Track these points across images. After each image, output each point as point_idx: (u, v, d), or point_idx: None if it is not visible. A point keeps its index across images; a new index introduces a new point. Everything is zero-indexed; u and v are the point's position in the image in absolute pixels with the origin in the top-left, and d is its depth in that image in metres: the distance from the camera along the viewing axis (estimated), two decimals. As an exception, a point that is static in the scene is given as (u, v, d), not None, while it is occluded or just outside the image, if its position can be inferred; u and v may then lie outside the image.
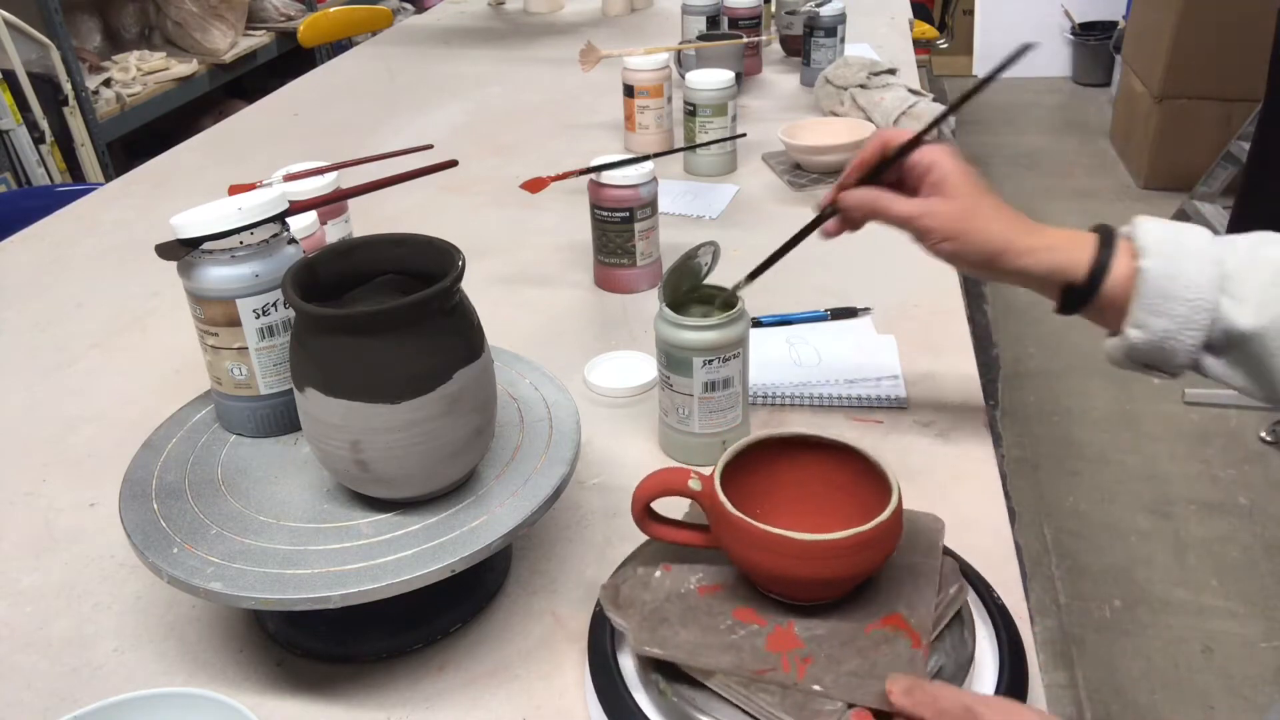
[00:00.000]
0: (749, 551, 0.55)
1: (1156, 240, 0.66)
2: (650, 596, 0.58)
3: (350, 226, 1.09)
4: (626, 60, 1.42)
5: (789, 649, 0.54)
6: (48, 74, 2.39)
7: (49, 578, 0.75)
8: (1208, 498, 2.08)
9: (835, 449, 0.62)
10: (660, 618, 0.56)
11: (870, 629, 0.56)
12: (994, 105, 4.45)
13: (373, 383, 0.58)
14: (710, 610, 0.57)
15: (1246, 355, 0.65)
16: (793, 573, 0.54)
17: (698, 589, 0.59)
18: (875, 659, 0.53)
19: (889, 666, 0.53)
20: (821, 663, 0.53)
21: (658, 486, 0.60)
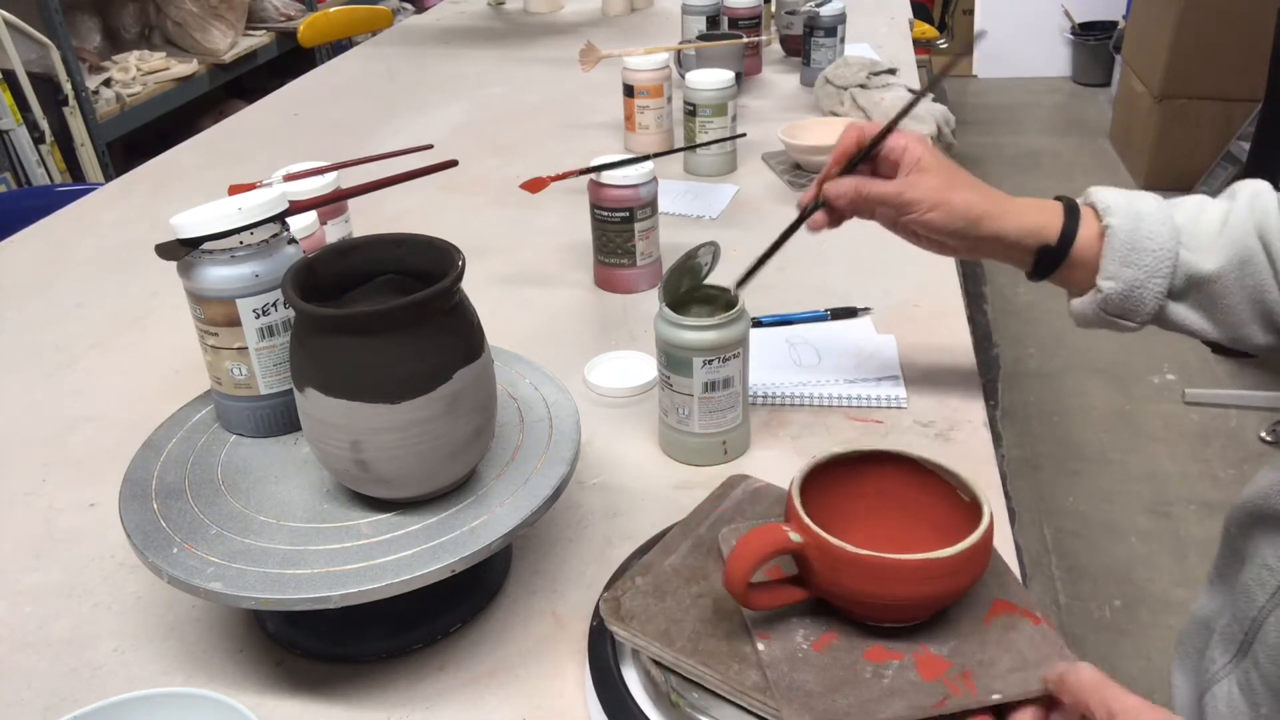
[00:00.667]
0: (868, 585, 0.53)
1: (1117, 203, 0.74)
2: (768, 673, 0.53)
3: (350, 226, 1.09)
4: (626, 60, 1.42)
5: (942, 671, 0.53)
6: (48, 74, 2.39)
7: (49, 578, 0.75)
8: (1208, 498, 2.08)
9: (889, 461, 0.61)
10: (806, 692, 0.52)
11: (988, 621, 0.56)
12: (994, 105, 4.45)
13: (373, 383, 0.58)
14: (840, 663, 0.54)
15: (1206, 297, 0.73)
16: (918, 594, 0.53)
17: (812, 647, 0.55)
18: (1017, 648, 0.54)
19: (1034, 650, 0.54)
20: (978, 672, 0.53)
21: (759, 554, 0.54)
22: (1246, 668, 0.69)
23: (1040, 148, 3.96)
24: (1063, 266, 0.76)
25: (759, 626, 0.56)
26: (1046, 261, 0.76)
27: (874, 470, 0.61)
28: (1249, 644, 0.69)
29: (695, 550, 0.63)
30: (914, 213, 0.75)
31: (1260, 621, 0.68)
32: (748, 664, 0.54)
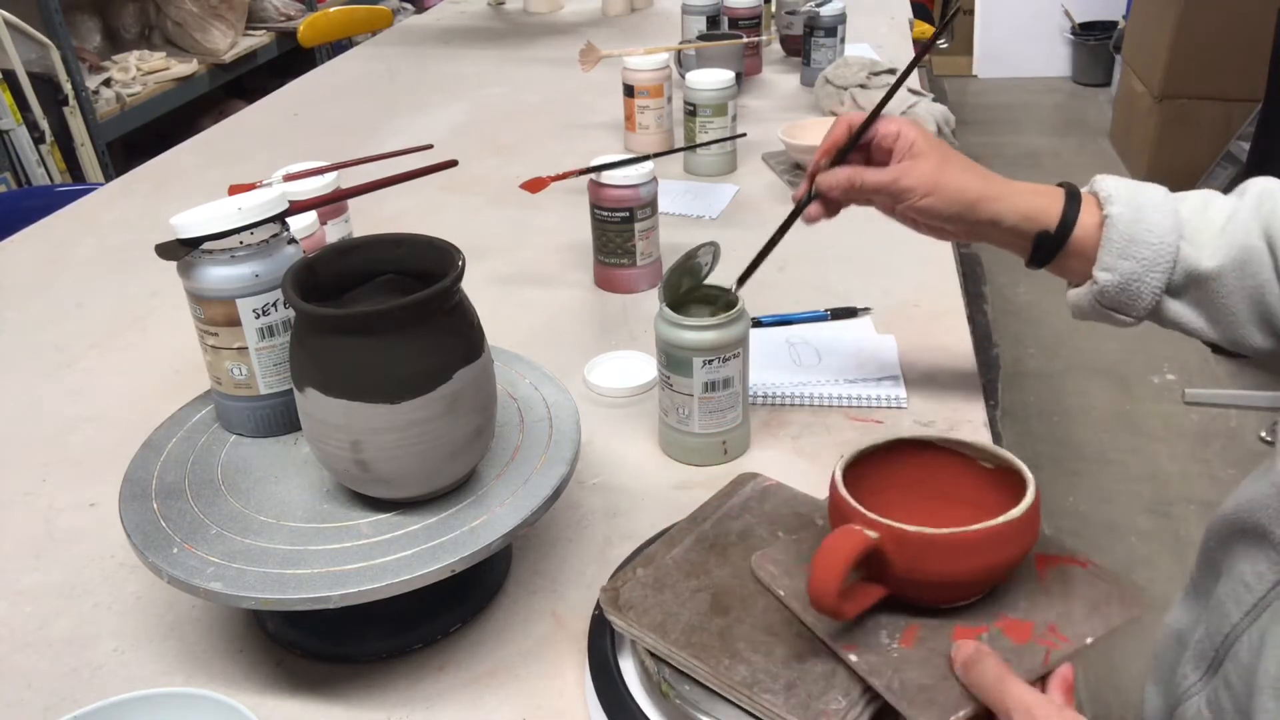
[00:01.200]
0: (949, 564, 0.53)
1: (1119, 192, 0.71)
2: (874, 682, 0.52)
3: (350, 226, 1.09)
4: (626, 60, 1.42)
5: (1030, 632, 0.54)
6: (48, 74, 2.39)
7: (49, 578, 0.75)
8: (1208, 498, 2.08)
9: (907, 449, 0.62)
10: (920, 687, 0.51)
11: (1043, 577, 0.58)
12: (994, 105, 4.45)
13: (373, 383, 0.58)
14: (937, 651, 0.53)
15: (1205, 295, 0.70)
16: (996, 562, 0.54)
17: (901, 644, 0.54)
18: (1080, 594, 0.57)
19: (1097, 591, 0.57)
20: (1061, 624, 0.55)
21: (845, 560, 0.52)
22: (1217, 685, 0.67)
23: (1040, 148, 3.96)
24: (1061, 255, 0.74)
25: (840, 639, 0.54)
26: (1045, 249, 0.74)
27: (893, 460, 0.61)
28: (1220, 661, 0.67)
29: (698, 545, 0.63)
30: (909, 199, 0.74)
31: (1233, 639, 0.66)
32: (738, 659, 0.54)
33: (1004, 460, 0.59)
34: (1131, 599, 0.57)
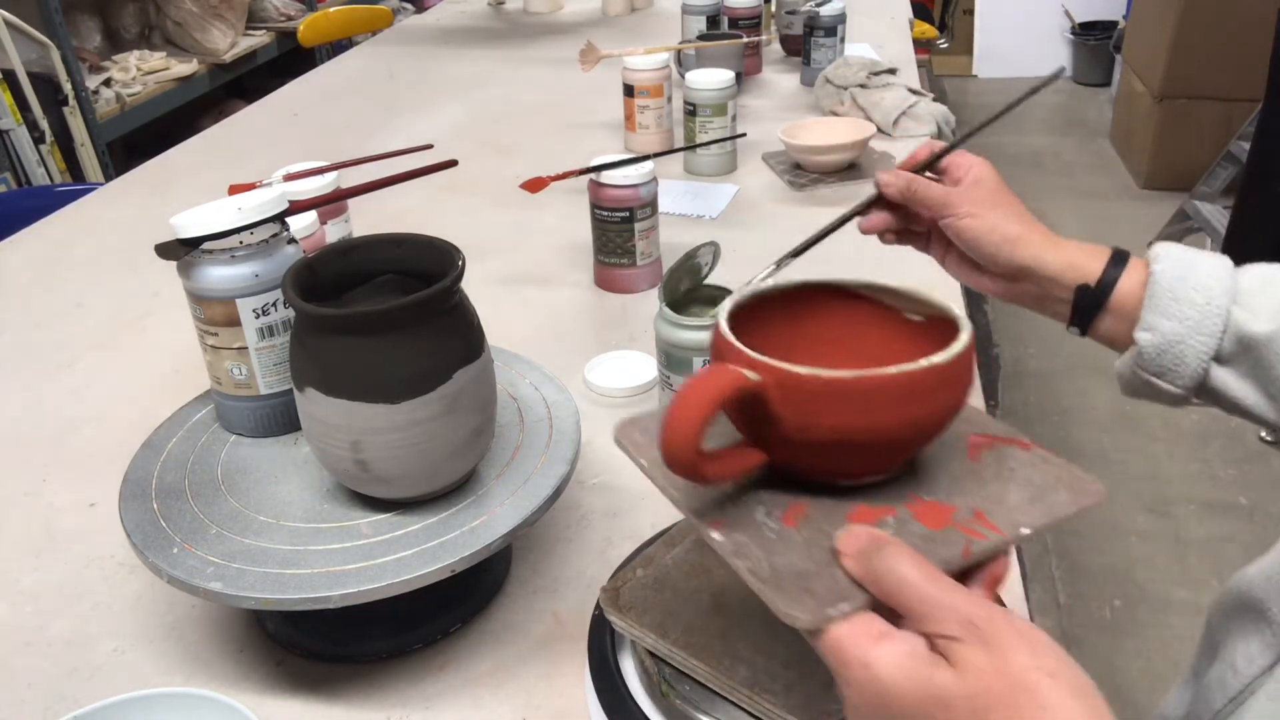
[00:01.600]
0: (852, 416, 0.43)
1: (1170, 251, 0.66)
2: (738, 564, 0.42)
3: (350, 226, 1.09)
4: (626, 60, 1.42)
5: (949, 517, 0.45)
6: (48, 74, 2.39)
7: (49, 578, 0.75)
8: (1208, 498, 2.08)
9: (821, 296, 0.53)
10: (796, 573, 0.41)
11: (974, 458, 0.49)
12: (994, 106, 4.44)
13: (373, 383, 0.58)
14: (824, 534, 0.43)
15: (1259, 363, 0.62)
16: (911, 417, 0.44)
17: (783, 523, 0.44)
18: (1021, 477, 0.48)
19: (1041, 476, 0.47)
20: (992, 510, 0.45)
21: (709, 401, 0.42)
22: None
23: (1040, 148, 3.96)
24: (1103, 314, 0.68)
25: (706, 515, 0.45)
26: (1085, 305, 0.68)
27: (802, 310, 0.53)
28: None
29: (698, 545, 0.63)
30: (952, 213, 0.70)
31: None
32: (739, 660, 0.54)
33: (936, 309, 0.50)
34: (1082, 487, 0.47)
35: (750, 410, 0.44)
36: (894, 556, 0.40)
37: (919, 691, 0.37)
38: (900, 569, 0.39)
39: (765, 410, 0.43)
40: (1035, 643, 0.38)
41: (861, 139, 1.34)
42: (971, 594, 0.39)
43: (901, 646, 0.38)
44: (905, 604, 0.39)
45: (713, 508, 0.45)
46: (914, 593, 0.39)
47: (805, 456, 0.45)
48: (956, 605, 0.38)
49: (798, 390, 0.43)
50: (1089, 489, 0.47)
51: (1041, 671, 0.37)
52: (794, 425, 0.43)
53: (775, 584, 0.41)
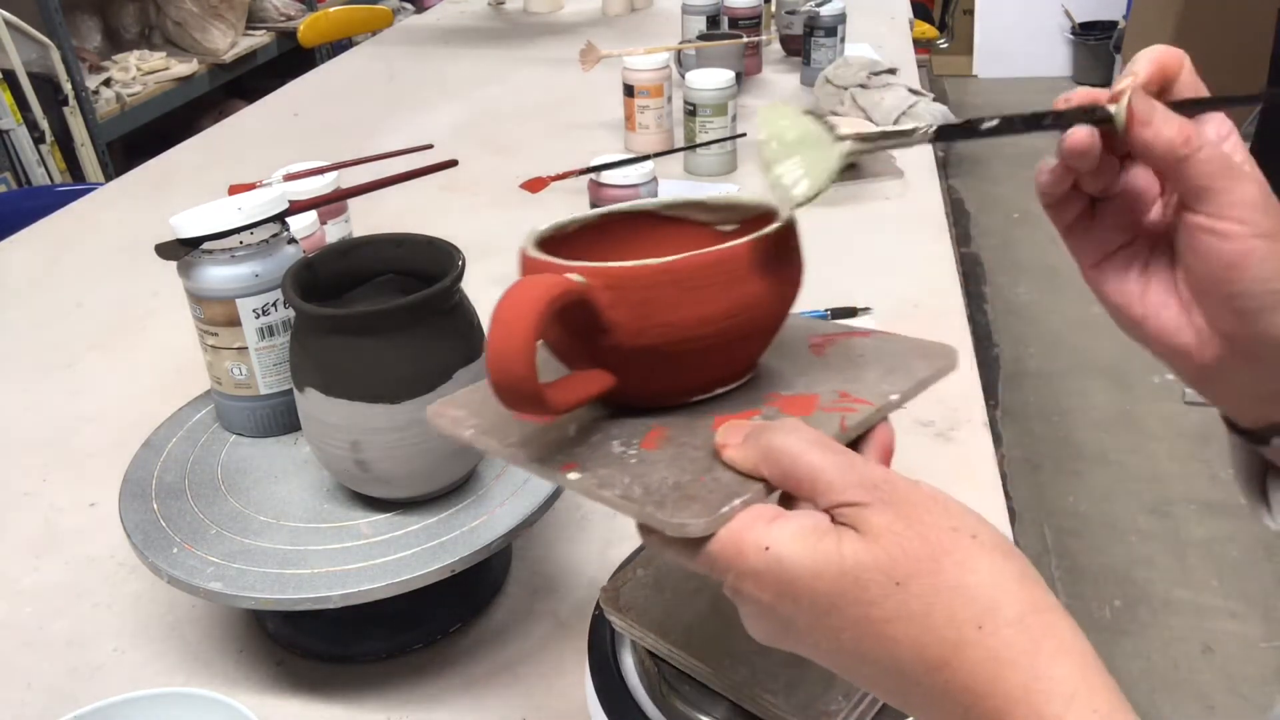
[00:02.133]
0: (696, 305, 0.40)
1: None
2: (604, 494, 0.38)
3: (350, 226, 1.09)
4: (626, 60, 1.42)
5: (814, 404, 0.42)
6: (48, 74, 2.39)
7: (49, 578, 0.75)
8: (1208, 498, 2.08)
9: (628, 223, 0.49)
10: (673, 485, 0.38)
11: (819, 353, 0.47)
12: (994, 106, 4.45)
13: (373, 383, 0.58)
14: (692, 446, 0.40)
15: None
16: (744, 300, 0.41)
17: (642, 448, 0.41)
18: (872, 359, 0.45)
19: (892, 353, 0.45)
20: (856, 388, 0.43)
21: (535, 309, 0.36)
22: None
23: (1040, 148, 3.93)
24: None
25: (553, 460, 0.40)
26: None
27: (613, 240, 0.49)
28: None
29: None
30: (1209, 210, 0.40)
31: None
32: (739, 660, 0.54)
33: (750, 209, 0.47)
34: (935, 352, 0.46)
35: (579, 325, 0.40)
36: (782, 432, 0.36)
37: (828, 569, 0.33)
38: (790, 443, 0.35)
39: (596, 319, 0.40)
40: (947, 503, 0.34)
41: (861, 139, 1.33)
42: (870, 460, 0.36)
43: (802, 521, 0.34)
44: (801, 476, 0.35)
45: (559, 452, 0.41)
46: (809, 463, 0.35)
47: (648, 369, 0.41)
48: (856, 468, 0.34)
49: (629, 286, 0.39)
50: (942, 353, 0.46)
51: (961, 532, 0.33)
52: (630, 330, 0.40)
53: (654, 500, 0.37)
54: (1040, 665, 0.31)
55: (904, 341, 0.47)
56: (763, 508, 0.35)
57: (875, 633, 0.33)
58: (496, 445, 0.42)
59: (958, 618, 0.32)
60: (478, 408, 0.45)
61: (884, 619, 0.32)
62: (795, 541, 0.33)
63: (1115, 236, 0.46)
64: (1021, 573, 0.33)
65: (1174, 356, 0.44)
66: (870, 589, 0.32)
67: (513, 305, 0.37)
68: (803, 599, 0.33)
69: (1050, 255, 3.05)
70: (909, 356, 0.46)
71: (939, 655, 0.32)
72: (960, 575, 0.32)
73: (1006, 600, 0.32)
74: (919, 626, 0.32)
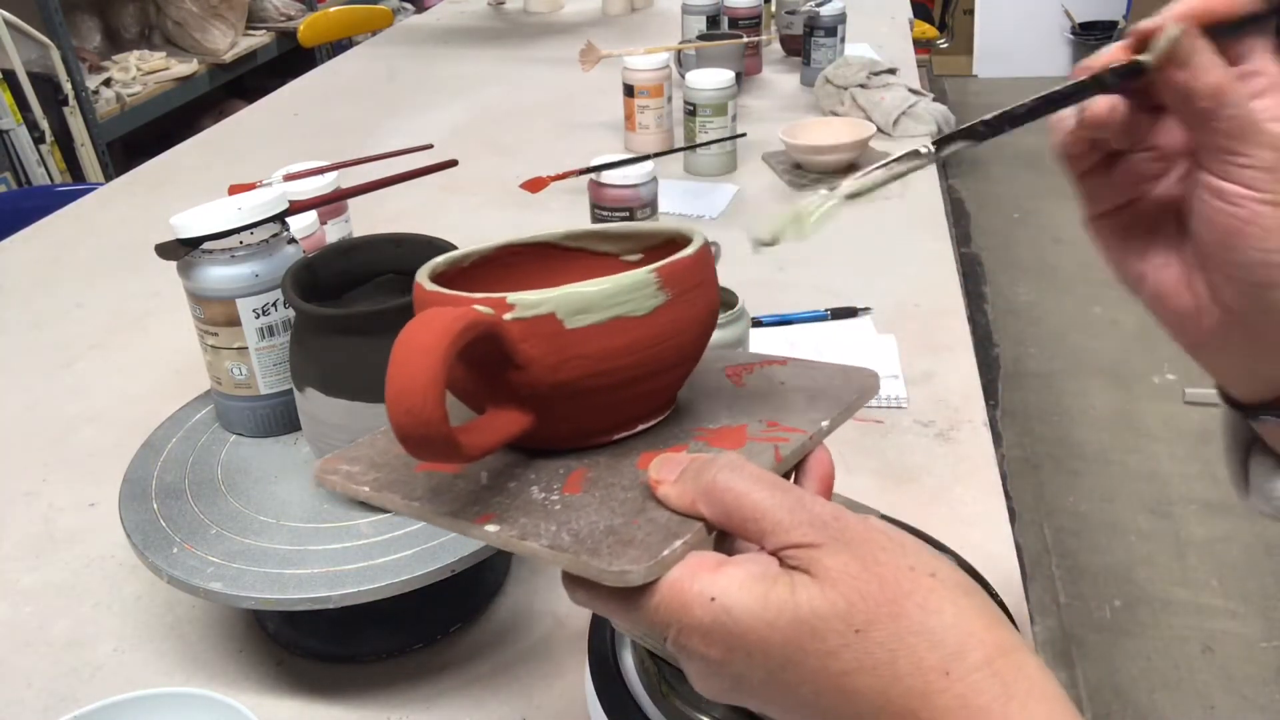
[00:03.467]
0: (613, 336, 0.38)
1: None
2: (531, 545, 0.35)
3: (350, 226, 1.09)
4: (626, 60, 1.42)
5: (744, 437, 0.41)
6: (48, 74, 2.39)
7: (49, 578, 0.75)
8: (1208, 498, 2.08)
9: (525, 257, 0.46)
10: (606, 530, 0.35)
11: (739, 383, 0.45)
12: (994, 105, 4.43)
13: (373, 383, 0.58)
14: (620, 487, 0.38)
15: None
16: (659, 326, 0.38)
17: (565, 493, 0.38)
18: (794, 387, 0.44)
19: (815, 380, 0.44)
20: (783, 417, 0.42)
21: (442, 342, 0.33)
22: None
23: (1040, 147, 3.94)
24: None
25: (466, 512, 0.37)
26: None
27: (511, 274, 0.46)
28: None
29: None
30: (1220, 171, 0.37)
31: None
32: None
33: (656, 236, 0.45)
34: (856, 377, 0.45)
35: (486, 361, 0.37)
36: (723, 468, 0.34)
37: (780, 619, 0.31)
38: (732, 480, 0.33)
39: (507, 354, 0.37)
40: (903, 540, 0.32)
41: (861, 139, 1.34)
42: (817, 497, 0.33)
43: (749, 567, 0.32)
44: (745, 516, 0.33)
45: (473, 503, 0.37)
46: (751, 501, 0.32)
47: (565, 407, 0.39)
48: (805, 506, 0.32)
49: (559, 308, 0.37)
50: (862, 376, 0.45)
51: (919, 570, 0.31)
52: (546, 365, 0.37)
53: (586, 548, 0.34)
54: (1013, 711, 0.29)
55: (824, 367, 0.46)
56: (705, 555, 0.33)
57: (835, 686, 0.30)
58: (400, 501, 0.39)
59: (923, 665, 0.30)
60: (375, 459, 0.42)
61: (844, 671, 0.30)
62: (744, 590, 0.31)
63: (1130, 190, 0.42)
64: (986, 612, 0.31)
65: (1171, 320, 0.42)
66: (828, 639, 0.30)
67: (415, 342, 0.34)
68: (755, 653, 0.31)
69: (1050, 255, 3.05)
70: (831, 381, 0.45)
71: (904, 706, 0.30)
72: (923, 618, 0.30)
73: (972, 643, 0.30)
74: (883, 677, 0.30)
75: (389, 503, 0.39)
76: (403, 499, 0.39)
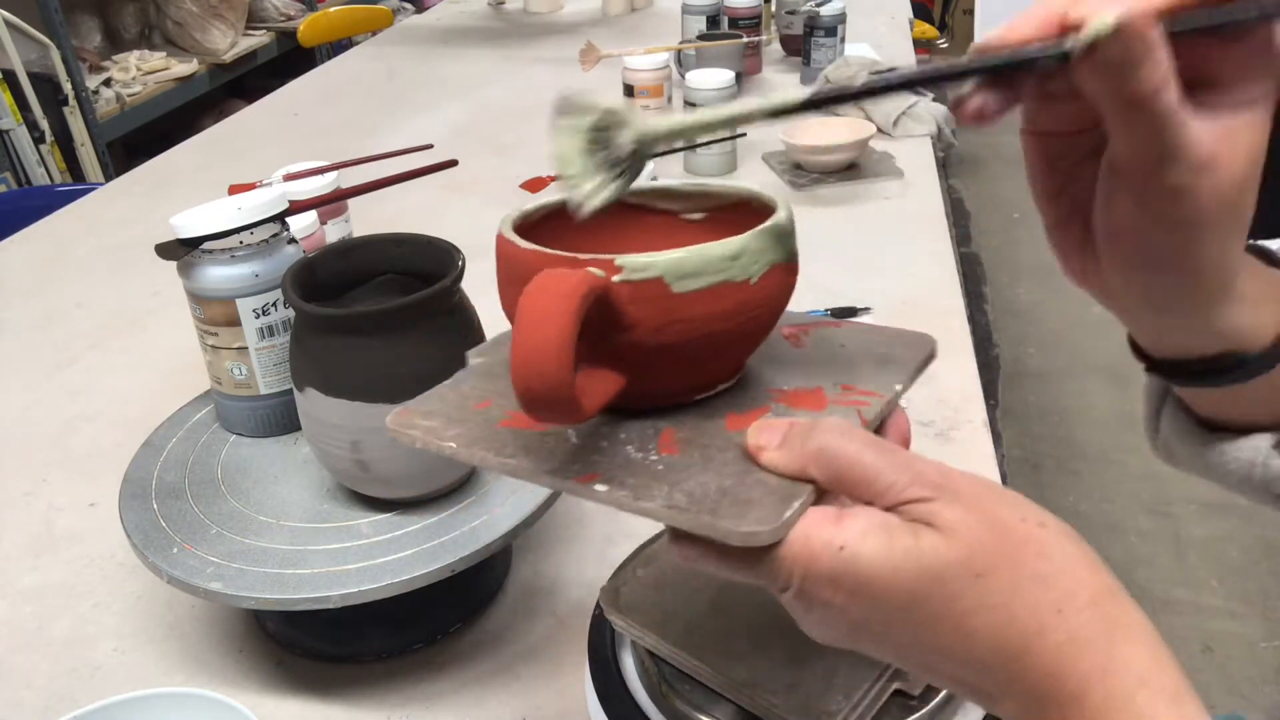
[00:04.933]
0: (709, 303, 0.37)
1: None
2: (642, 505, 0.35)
3: (350, 226, 1.09)
4: (626, 60, 1.43)
5: (824, 396, 0.40)
6: (48, 74, 2.39)
7: (49, 578, 0.75)
8: (1208, 498, 2.08)
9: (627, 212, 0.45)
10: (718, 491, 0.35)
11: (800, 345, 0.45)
12: (994, 105, 4.45)
13: (373, 383, 0.58)
14: (715, 447, 0.38)
15: None
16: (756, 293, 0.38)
17: (661, 453, 0.38)
18: (863, 349, 0.44)
19: (886, 343, 0.44)
20: (855, 379, 0.42)
21: (570, 308, 0.33)
22: None
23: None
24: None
25: (567, 470, 0.37)
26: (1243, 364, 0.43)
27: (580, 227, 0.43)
28: None
29: None
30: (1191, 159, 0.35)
31: None
32: (739, 660, 0.54)
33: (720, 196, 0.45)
34: (914, 340, 0.45)
35: (592, 323, 0.36)
36: (825, 432, 0.34)
37: (906, 565, 0.32)
38: (842, 445, 0.34)
39: (615, 316, 0.37)
40: (1008, 494, 0.34)
41: (861, 139, 1.34)
42: (920, 455, 0.34)
43: (871, 518, 0.33)
44: (856, 479, 0.33)
45: (571, 462, 0.37)
46: (863, 463, 0.33)
47: (660, 368, 0.38)
48: (914, 466, 0.33)
49: (667, 271, 0.36)
50: (920, 339, 0.46)
51: (1030, 521, 0.34)
52: (650, 327, 0.37)
53: (706, 508, 0.34)
54: (1115, 647, 0.32)
55: (881, 330, 0.46)
56: (825, 509, 0.34)
57: (955, 626, 0.32)
58: (493, 458, 0.38)
59: (1039, 604, 0.32)
60: (450, 414, 0.41)
61: (965, 611, 0.32)
62: (869, 539, 0.32)
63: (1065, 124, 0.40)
64: (1090, 558, 0.34)
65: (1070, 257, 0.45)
66: (951, 584, 0.32)
67: (544, 303, 0.33)
68: (880, 598, 0.32)
69: (1050, 255, 3.04)
70: (892, 346, 0.45)
71: (1020, 644, 0.32)
72: (1037, 564, 0.33)
73: (1080, 586, 0.33)
74: (1001, 616, 0.32)
75: (482, 460, 0.39)
76: (495, 456, 0.38)
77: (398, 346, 0.58)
